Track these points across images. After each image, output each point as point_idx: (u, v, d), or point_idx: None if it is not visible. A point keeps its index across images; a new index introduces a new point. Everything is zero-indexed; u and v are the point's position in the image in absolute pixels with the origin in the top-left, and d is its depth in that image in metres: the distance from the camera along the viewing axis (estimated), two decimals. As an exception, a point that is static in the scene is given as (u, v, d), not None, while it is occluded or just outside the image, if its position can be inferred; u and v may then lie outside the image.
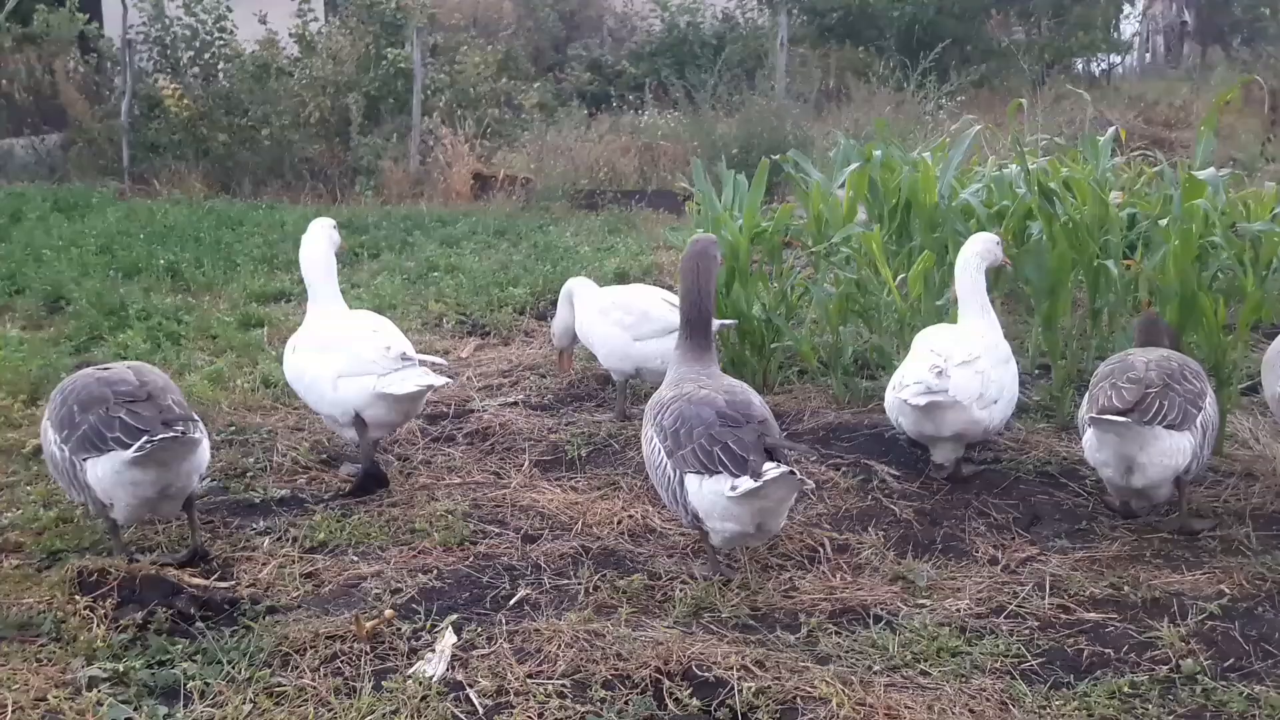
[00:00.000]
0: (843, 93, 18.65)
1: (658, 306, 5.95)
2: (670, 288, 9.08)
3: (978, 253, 5.23)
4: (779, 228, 6.83)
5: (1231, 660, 3.57)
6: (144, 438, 4.01)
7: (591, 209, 13.27)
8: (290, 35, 16.43)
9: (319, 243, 5.50)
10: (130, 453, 4.01)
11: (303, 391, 5.30)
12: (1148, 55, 30.34)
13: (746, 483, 3.85)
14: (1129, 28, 28.90)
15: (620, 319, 5.94)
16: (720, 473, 3.94)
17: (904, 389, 4.77)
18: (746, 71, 18.41)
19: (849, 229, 6.65)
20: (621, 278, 9.34)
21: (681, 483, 4.06)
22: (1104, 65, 26.30)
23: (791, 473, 3.82)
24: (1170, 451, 4.27)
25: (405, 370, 5.02)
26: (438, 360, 5.41)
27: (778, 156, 7.56)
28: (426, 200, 14.01)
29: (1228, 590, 4.01)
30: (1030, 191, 6.35)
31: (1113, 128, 7.32)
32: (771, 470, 3.81)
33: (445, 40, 17.28)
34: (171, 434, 4.03)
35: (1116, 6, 25.20)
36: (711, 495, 3.97)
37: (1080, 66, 24.75)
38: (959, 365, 4.78)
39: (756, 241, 6.79)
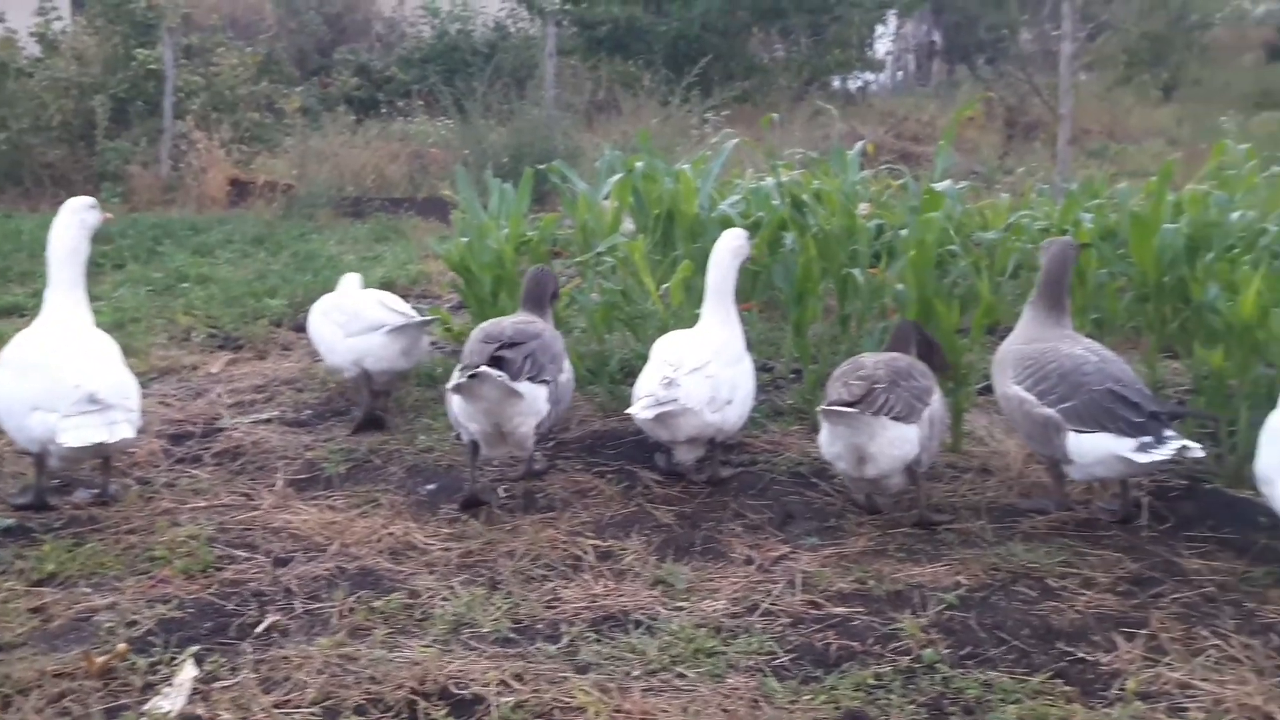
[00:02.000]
0: (612, 104, 18.89)
1: (372, 308, 5.98)
2: (439, 298, 8.98)
3: (731, 249, 5.37)
4: (544, 237, 6.84)
5: (968, 648, 3.75)
6: None
7: (358, 216, 12.95)
8: (31, 35, 15.37)
9: (63, 228, 5.04)
10: None
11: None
12: (900, 73, 32.08)
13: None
14: (883, 47, 30.47)
15: (337, 319, 6.03)
16: None
17: (635, 403, 4.89)
18: (518, 80, 18.40)
19: (613, 239, 6.71)
20: (388, 287, 9.12)
21: None
22: (859, 82, 27.61)
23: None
24: (897, 442, 4.49)
25: (85, 416, 4.52)
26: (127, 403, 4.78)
27: (545, 166, 7.57)
28: (179, 207, 13.35)
29: (965, 581, 4.22)
30: (783, 203, 6.58)
31: (861, 142, 7.67)
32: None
33: (201, 41, 16.54)
34: None
35: (870, 26, 26.50)
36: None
37: (837, 83, 25.89)
38: (689, 373, 4.90)
39: (523, 251, 6.77)
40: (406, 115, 18.48)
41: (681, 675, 3.58)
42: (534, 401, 4.86)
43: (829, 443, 4.64)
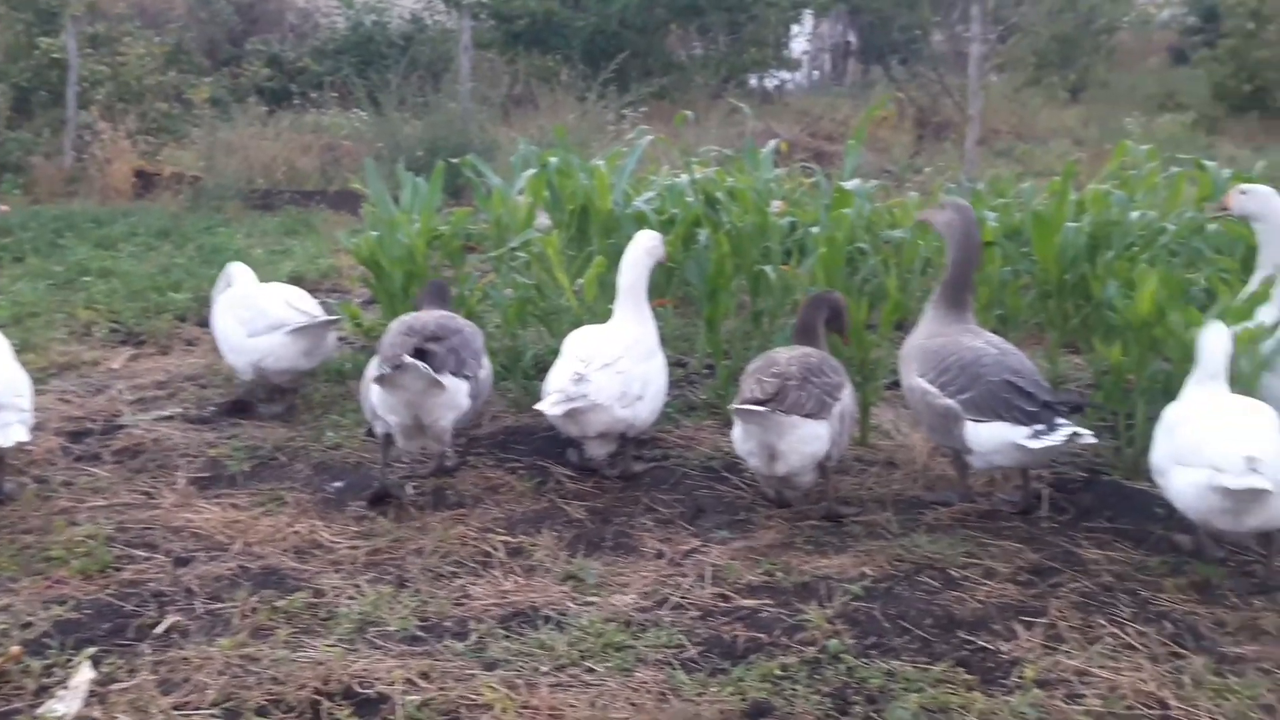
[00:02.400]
0: (529, 99, 18.81)
1: (276, 306, 5.84)
2: (349, 292, 8.86)
3: (647, 249, 5.39)
4: (457, 231, 6.77)
5: (873, 638, 3.81)
6: None
7: (267, 209, 12.72)
8: (-70, 23, 14.85)
9: None
10: None
11: None
12: (816, 72, 32.43)
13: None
14: (799, 46, 30.78)
15: (241, 315, 5.88)
16: None
17: (546, 398, 4.87)
18: (433, 74, 18.22)
19: (527, 234, 6.68)
20: (297, 281, 8.98)
21: None
22: (776, 81, 27.85)
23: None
24: (808, 439, 4.54)
25: None
26: None
27: (459, 160, 7.51)
28: (82, 199, 12.96)
29: (870, 572, 4.28)
30: (697, 200, 6.61)
31: (774, 141, 7.73)
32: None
33: (108, 30, 16.09)
34: None
35: (786, 25, 26.74)
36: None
37: (754, 81, 26.08)
38: (600, 368, 4.89)
39: (435, 246, 6.70)
40: (319, 107, 18.19)
41: (590, 670, 3.58)
42: (456, 395, 4.82)
43: (742, 439, 4.67)
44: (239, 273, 6.36)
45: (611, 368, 4.91)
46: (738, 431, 4.68)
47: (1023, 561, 4.36)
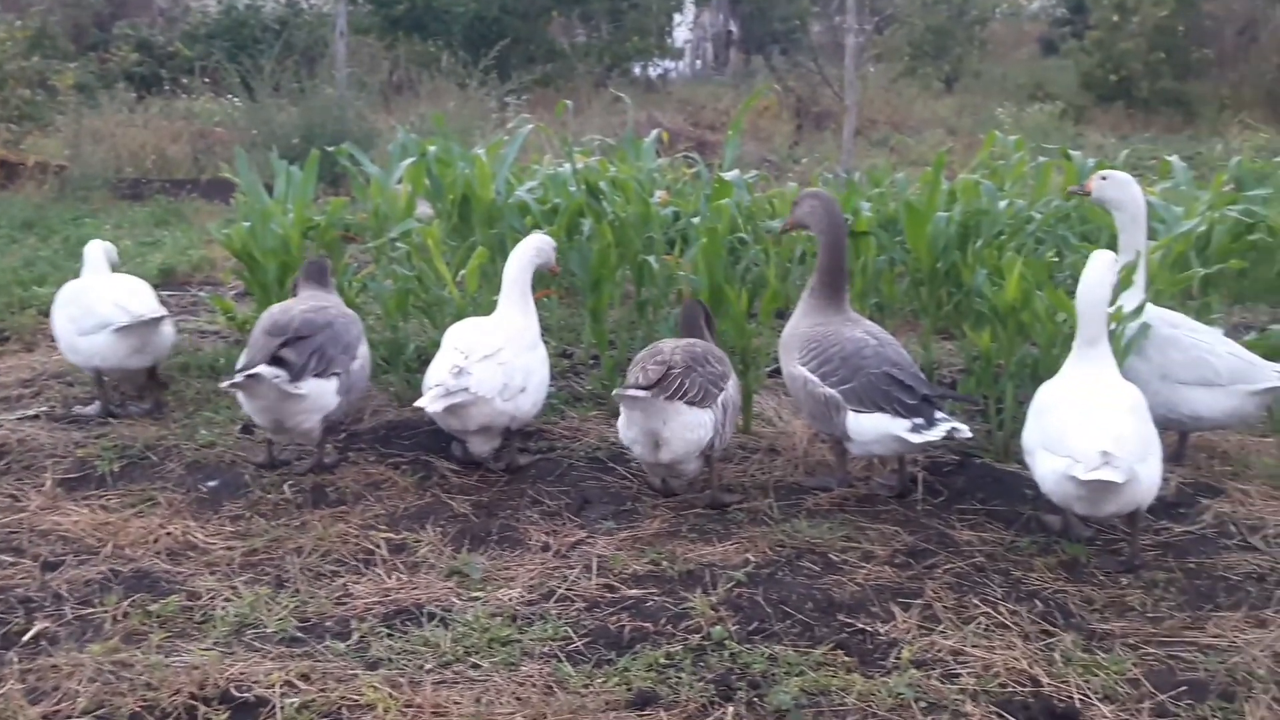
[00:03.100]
0: (409, 85, 18.54)
1: (102, 304, 5.57)
2: (222, 285, 8.62)
3: (535, 248, 5.36)
4: (333, 221, 6.65)
5: (756, 624, 3.86)
6: None
7: (136, 199, 12.31)
8: None
9: None
10: None
11: None
12: (698, 62, 32.64)
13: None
14: (681, 35, 30.94)
15: (72, 313, 5.65)
16: None
17: (426, 393, 4.79)
18: (309, 59, 17.84)
19: (407, 224, 6.60)
20: (168, 274, 8.75)
21: None
22: (659, 70, 27.96)
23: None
24: (693, 425, 4.58)
25: None
26: None
27: (335, 148, 7.37)
28: (-61, 189, 12.38)
29: (753, 558, 4.34)
30: (580, 190, 6.60)
31: (655, 130, 7.76)
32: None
33: (-33, 15, 15.36)
34: None
35: (669, 14, 26.86)
36: None
37: (637, 70, 26.14)
38: (481, 360, 4.84)
39: (311, 236, 6.57)
40: (190, 93, 17.67)
41: (475, 666, 3.56)
42: (319, 398, 4.74)
43: (626, 427, 4.69)
44: (91, 255, 6.06)
45: (493, 359, 4.86)
46: (623, 419, 4.70)
47: (899, 544, 4.46)
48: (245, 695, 3.31)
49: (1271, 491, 4.95)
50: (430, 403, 4.72)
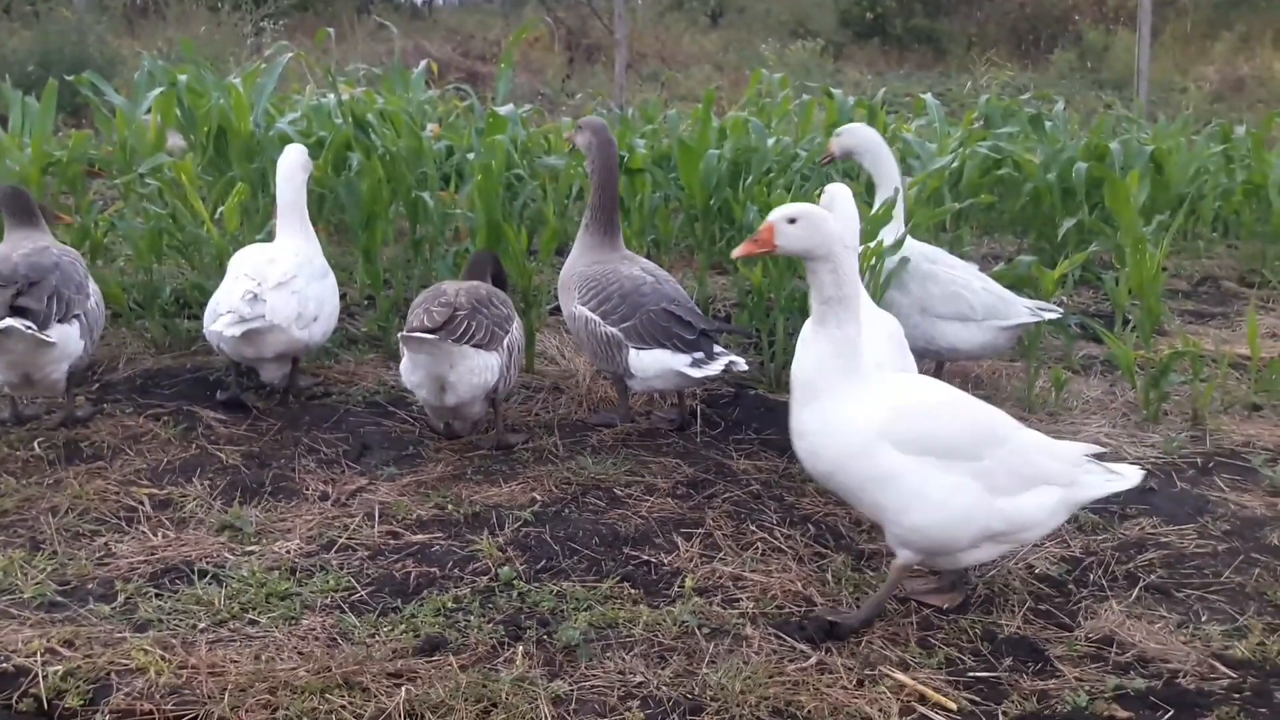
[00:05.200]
0: (156, 8, 17.34)
1: None
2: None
3: (300, 164, 5.19)
4: (76, 156, 6.18)
5: (543, 562, 3.87)
6: None
7: None
8: None
9: None
10: None
11: None
12: (465, -10, 31.87)
13: None
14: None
15: None
16: None
17: (218, 319, 4.64)
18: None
19: (157, 158, 6.21)
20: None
21: None
22: (425, -3, 27.18)
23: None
24: (479, 369, 4.52)
25: None
26: None
27: (75, 77, 6.82)
28: None
29: (539, 497, 4.34)
30: (346, 122, 6.35)
31: (424, 61, 7.55)
32: None
33: None
34: None
35: (433, -61, 26.07)
36: None
37: (403, -3, 25.35)
38: (274, 288, 4.74)
39: (51, 172, 6.09)
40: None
41: (253, 623, 3.43)
42: (66, 344, 4.43)
43: (410, 370, 4.57)
44: None
45: (286, 287, 4.77)
46: (406, 363, 4.58)
47: (680, 476, 4.56)
48: (4, 665, 3.09)
49: (1020, 413, 5.32)
50: (226, 328, 4.57)
